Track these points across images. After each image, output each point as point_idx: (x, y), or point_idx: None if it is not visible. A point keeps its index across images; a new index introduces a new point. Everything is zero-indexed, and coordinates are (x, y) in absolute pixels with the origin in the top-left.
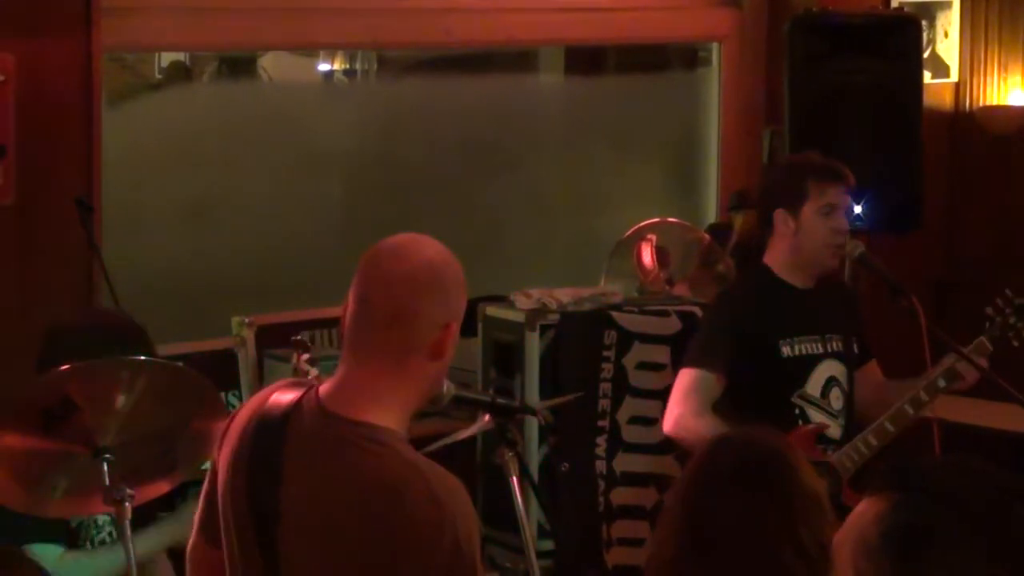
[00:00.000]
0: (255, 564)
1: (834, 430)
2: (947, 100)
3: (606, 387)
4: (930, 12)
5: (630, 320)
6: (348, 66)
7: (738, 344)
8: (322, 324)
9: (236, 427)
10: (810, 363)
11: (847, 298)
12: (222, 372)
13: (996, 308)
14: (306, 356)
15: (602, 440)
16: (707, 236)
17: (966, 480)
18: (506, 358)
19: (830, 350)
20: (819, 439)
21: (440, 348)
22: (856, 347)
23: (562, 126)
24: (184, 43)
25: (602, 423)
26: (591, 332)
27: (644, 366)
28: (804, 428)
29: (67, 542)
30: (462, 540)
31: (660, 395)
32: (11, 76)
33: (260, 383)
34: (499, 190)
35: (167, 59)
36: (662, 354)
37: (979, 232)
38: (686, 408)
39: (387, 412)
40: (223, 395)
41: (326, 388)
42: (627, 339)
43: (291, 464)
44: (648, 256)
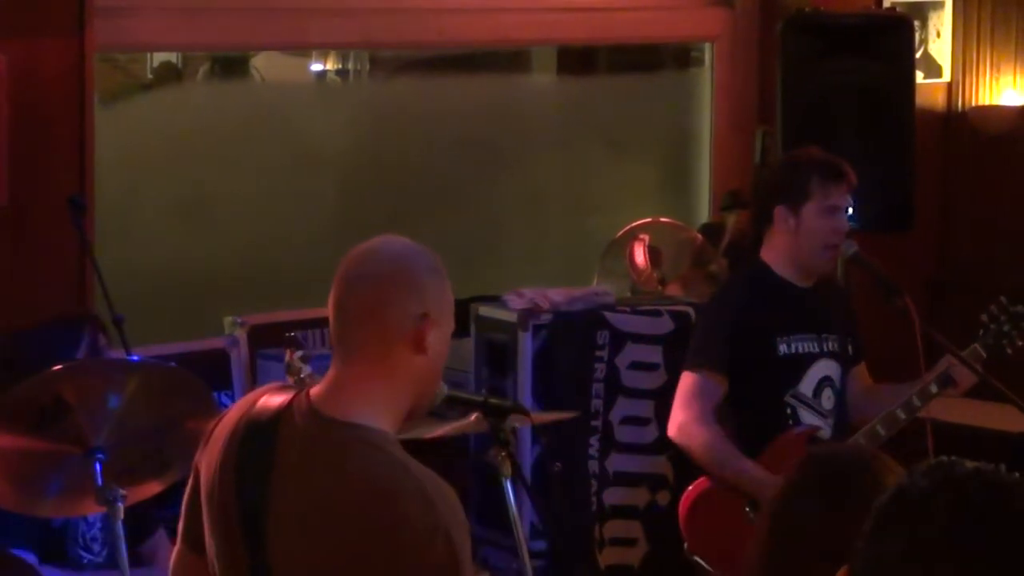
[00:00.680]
0: (242, 567)
1: (824, 431)
2: (939, 100)
3: (599, 387)
4: (922, 12)
5: (623, 320)
6: (341, 66)
7: (736, 341)
8: (314, 324)
9: (223, 430)
10: (806, 362)
11: (842, 298)
12: (215, 372)
13: (991, 315)
14: (299, 353)
15: (595, 440)
16: (700, 236)
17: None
18: (499, 358)
19: (826, 349)
20: (810, 441)
21: (420, 339)
22: (850, 348)
23: (555, 126)
24: (176, 43)
25: (595, 423)
26: (584, 332)
27: (637, 366)
28: (797, 430)
29: (44, 548)
30: (454, 544)
31: (653, 395)
32: (3, 76)
33: (253, 383)
34: (492, 190)
35: (159, 59)
36: (655, 354)
37: (972, 232)
38: (689, 415)
39: (378, 413)
40: (216, 395)
41: (317, 391)
42: (620, 339)
43: (281, 466)
44: (641, 256)
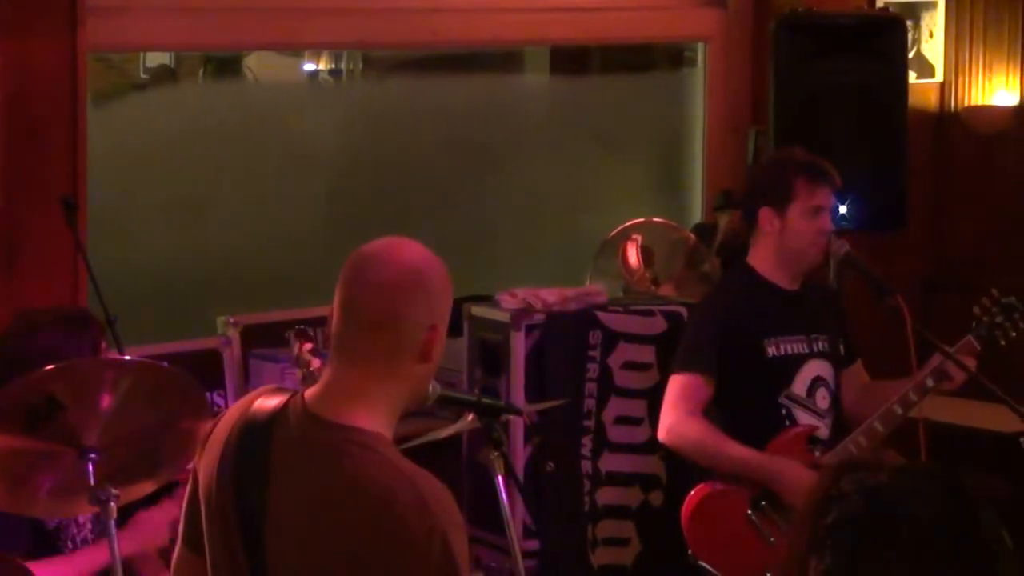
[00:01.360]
0: (241, 571)
1: (823, 430)
2: (932, 100)
3: (591, 387)
4: (915, 12)
5: (615, 320)
6: (333, 66)
7: (724, 345)
8: (308, 324)
9: (219, 433)
10: (796, 363)
11: (832, 298)
12: (207, 372)
13: (983, 307)
14: (309, 346)
15: (587, 440)
16: (692, 236)
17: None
18: (491, 358)
19: (816, 350)
20: (809, 440)
21: (427, 350)
22: (842, 348)
23: (548, 126)
24: (169, 43)
25: (587, 423)
26: (576, 332)
27: (629, 366)
28: (795, 429)
29: (37, 550)
30: (451, 545)
31: (645, 395)
32: None
33: (245, 383)
34: (484, 190)
35: (152, 59)
36: (647, 354)
37: (964, 232)
38: (677, 415)
39: (375, 416)
40: (208, 395)
41: (312, 392)
42: (612, 339)
43: (278, 469)
44: (633, 256)
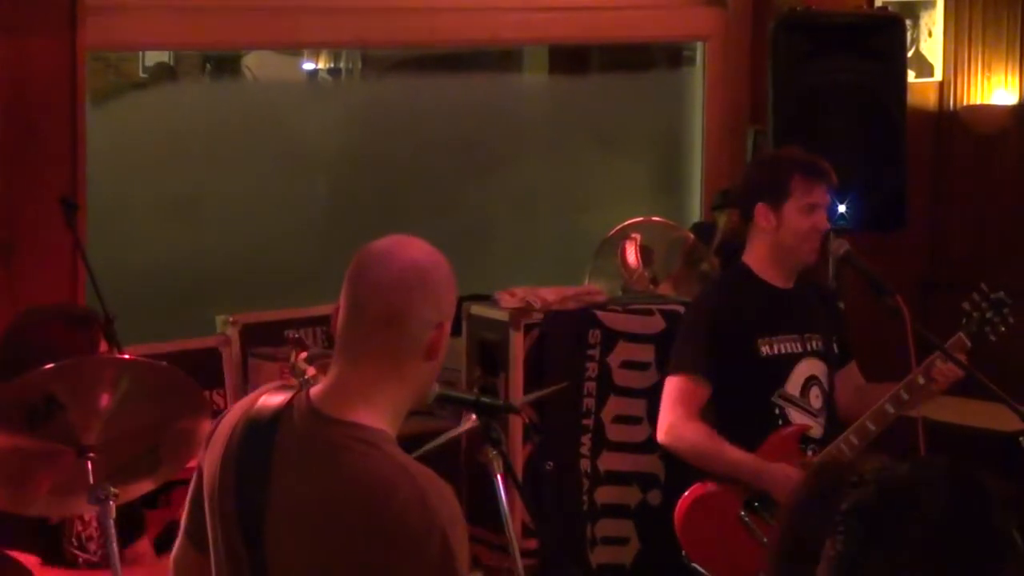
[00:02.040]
0: (242, 566)
1: (816, 429)
2: (931, 99)
3: (590, 386)
4: (914, 11)
5: (614, 319)
6: (332, 65)
7: (718, 344)
8: (307, 323)
9: (223, 430)
10: (790, 362)
11: (827, 298)
12: (207, 371)
13: (972, 303)
14: (303, 354)
15: (586, 439)
16: (691, 235)
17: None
18: (490, 357)
19: (810, 349)
20: (801, 439)
21: (434, 348)
22: (836, 347)
23: (546, 125)
24: (168, 42)
25: (586, 422)
26: (575, 331)
27: (628, 365)
28: (788, 429)
29: (40, 548)
30: (451, 543)
31: (644, 394)
32: None
33: (245, 382)
34: (484, 189)
35: (151, 58)
36: (646, 353)
37: (963, 231)
38: (675, 417)
39: (379, 414)
40: (207, 394)
41: (317, 390)
42: (611, 338)
43: (280, 465)
44: (632, 255)
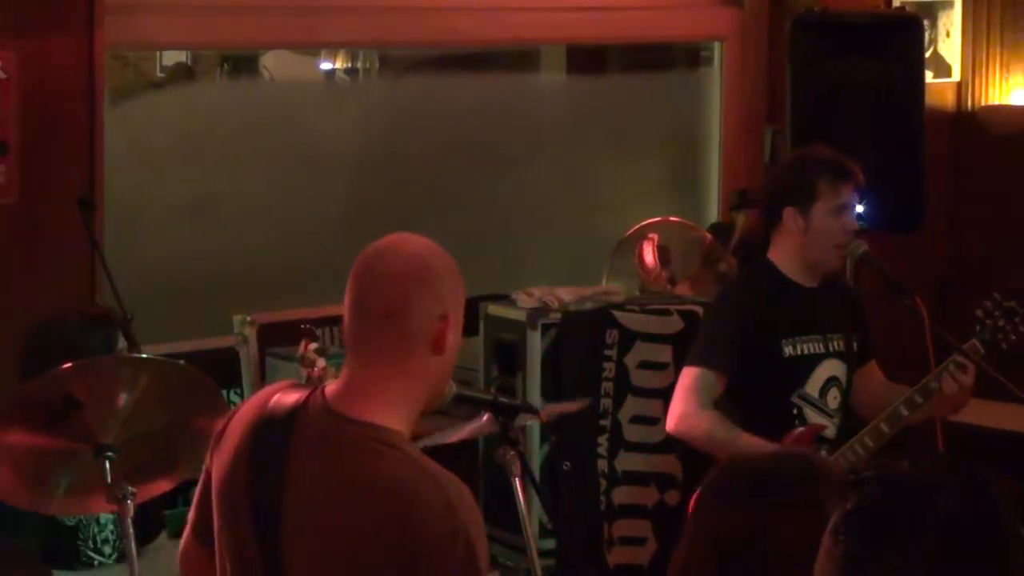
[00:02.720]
0: (253, 563)
1: (830, 430)
2: (949, 100)
3: (608, 386)
4: (932, 12)
5: (632, 319)
6: (350, 64)
7: (742, 343)
8: (324, 322)
9: (235, 427)
10: (812, 363)
11: (849, 298)
12: (224, 370)
13: (985, 311)
14: (313, 345)
15: (604, 439)
16: (709, 235)
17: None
18: (508, 357)
19: (832, 350)
20: (816, 439)
21: (440, 341)
22: (856, 347)
23: (564, 125)
24: (186, 41)
25: (604, 422)
26: (593, 331)
27: (646, 365)
28: (802, 429)
29: (55, 548)
30: (473, 546)
31: (662, 394)
32: (14, 74)
33: (262, 381)
34: (501, 189)
35: (169, 57)
36: (664, 353)
37: (981, 232)
38: (688, 407)
39: (393, 412)
40: (225, 394)
41: (332, 389)
42: (629, 338)
43: (296, 464)
44: (650, 255)
